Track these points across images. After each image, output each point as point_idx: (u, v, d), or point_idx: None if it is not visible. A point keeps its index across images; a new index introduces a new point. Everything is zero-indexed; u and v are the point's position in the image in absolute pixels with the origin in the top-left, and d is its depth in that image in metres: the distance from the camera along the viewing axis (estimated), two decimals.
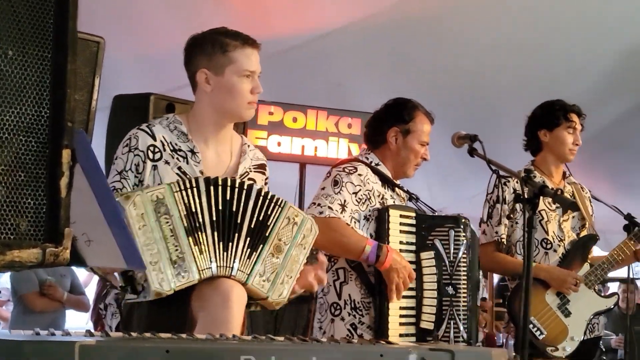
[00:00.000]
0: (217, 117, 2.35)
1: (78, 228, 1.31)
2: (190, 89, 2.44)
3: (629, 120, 5.79)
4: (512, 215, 3.39)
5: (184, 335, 1.62)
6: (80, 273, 5.94)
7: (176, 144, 2.29)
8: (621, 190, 6.04)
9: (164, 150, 2.27)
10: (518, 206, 3.35)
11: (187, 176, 2.21)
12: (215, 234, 2.07)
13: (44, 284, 5.18)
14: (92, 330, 1.66)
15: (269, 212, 2.14)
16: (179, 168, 2.25)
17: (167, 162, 2.26)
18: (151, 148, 2.26)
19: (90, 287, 6.21)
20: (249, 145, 2.48)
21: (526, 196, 2.31)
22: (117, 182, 2.24)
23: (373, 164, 2.94)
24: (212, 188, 2.11)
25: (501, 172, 2.78)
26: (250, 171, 2.42)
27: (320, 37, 4.77)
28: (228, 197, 2.11)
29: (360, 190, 2.82)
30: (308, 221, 2.19)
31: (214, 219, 2.08)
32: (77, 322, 6.35)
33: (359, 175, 2.84)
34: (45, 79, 1.13)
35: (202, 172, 2.25)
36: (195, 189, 2.09)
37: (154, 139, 2.28)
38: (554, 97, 3.62)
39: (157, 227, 2.00)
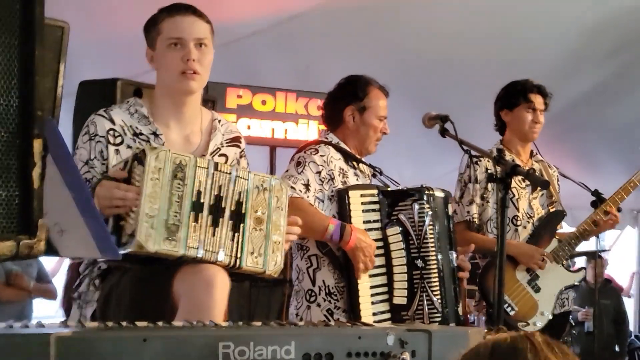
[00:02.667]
0: (167, 95, 2.28)
1: (50, 218, 1.29)
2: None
3: (592, 99, 5.87)
4: (485, 195, 3.43)
5: (160, 324, 1.61)
6: (47, 262, 5.86)
7: (137, 128, 2.24)
8: (585, 169, 6.12)
9: (125, 134, 2.22)
10: (490, 185, 3.39)
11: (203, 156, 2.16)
12: (210, 218, 2.04)
13: (10, 274, 5.10)
14: (67, 321, 1.64)
15: (240, 190, 2.09)
16: None
17: (129, 147, 2.21)
18: (111, 132, 2.22)
19: (59, 276, 6.14)
20: (219, 121, 2.40)
21: (499, 176, 2.32)
22: (87, 173, 2.19)
23: (334, 143, 2.93)
24: (215, 172, 2.07)
25: (473, 152, 2.79)
26: (222, 146, 2.36)
27: (288, 19, 4.73)
28: (221, 183, 2.07)
29: (323, 170, 2.81)
30: (276, 182, 2.15)
31: (211, 203, 2.04)
32: (45, 311, 6.27)
33: (322, 155, 2.83)
34: (13, 67, 1.10)
35: None
36: (207, 170, 2.05)
37: (113, 122, 2.23)
38: (518, 75, 3.66)
39: (168, 187, 1.97)
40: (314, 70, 5.21)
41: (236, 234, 2.06)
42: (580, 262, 6.92)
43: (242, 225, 2.07)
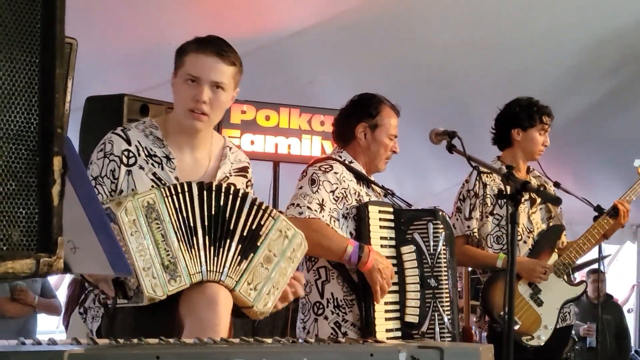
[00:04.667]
0: (178, 123, 2.28)
1: (64, 235, 1.29)
2: (162, 88, 2.41)
3: (590, 116, 5.88)
4: (485, 210, 3.44)
5: (172, 340, 1.60)
6: (49, 277, 5.84)
7: (151, 149, 2.25)
8: (581, 185, 6.13)
9: (139, 155, 2.23)
10: (489, 200, 3.41)
11: (179, 181, 2.17)
12: (207, 238, 2.05)
13: (15, 289, 5.09)
14: (78, 338, 1.63)
15: (261, 222, 2.12)
16: (154, 174, 2.22)
17: (141, 167, 2.22)
18: (125, 153, 2.22)
19: (61, 290, 6.12)
20: (230, 148, 2.42)
21: (509, 192, 2.32)
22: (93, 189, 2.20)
23: (347, 162, 2.94)
24: (205, 193, 2.07)
25: (482, 168, 2.79)
26: (231, 175, 2.36)
27: (291, 35, 4.75)
28: (222, 203, 2.08)
29: (337, 188, 2.82)
30: (299, 236, 2.18)
31: (206, 223, 2.05)
32: (46, 326, 6.25)
33: (335, 173, 2.84)
34: (34, 84, 1.10)
35: (177, 178, 2.22)
36: (187, 194, 2.06)
37: (129, 143, 2.24)
38: (519, 91, 3.67)
39: (149, 232, 1.98)
40: (318, 86, 5.23)
41: (244, 260, 2.08)
42: (578, 276, 6.94)
43: (252, 255, 2.09)
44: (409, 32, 4.91)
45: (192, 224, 2.03)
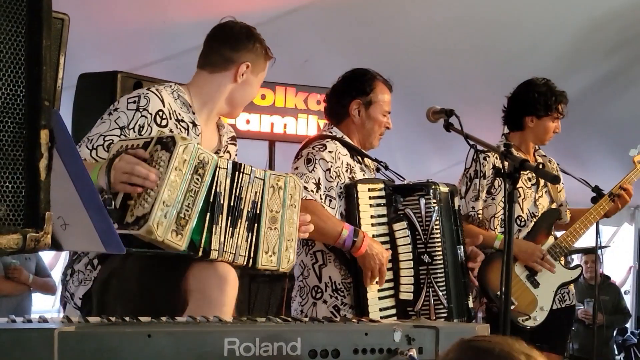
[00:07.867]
0: (228, 107, 2.39)
1: (54, 211, 1.26)
2: (155, 67, 2.38)
3: (589, 97, 5.85)
4: (492, 191, 3.41)
5: (164, 319, 1.59)
6: (46, 256, 5.84)
7: (179, 114, 2.30)
8: (579, 166, 6.11)
9: (170, 118, 2.27)
10: (497, 181, 3.37)
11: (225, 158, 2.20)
12: (229, 219, 2.03)
13: (9, 267, 5.08)
14: (69, 316, 1.61)
15: (256, 190, 2.10)
16: None
17: (171, 131, 2.25)
18: (160, 113, 2.25)
19: (57, 270, 6.12)
20: (220, 118, 2.51)
21: (507, 170, 2.29)
22: (116, 137, 2.17)
23: (338, 137, 2.91)
24: (237, 174, 2.07)
25: (479, 147, 2.76)
26: (228, 144, 2.46)
27: (287, 13, 4.70)
28: (242, 185, 2.07)
29: (332, 166, 2.79)
30: (290, 179, 2.16)
31: (231, 204, 2.04)
32: (42, 305, 6.26)
33: (330, 151, 2.81)
34: (20, 56, 1.07)
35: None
36: (226, 170, 2.05)
37: (163, 104, 2.27)
38: (517, 73, 3.62)
39: (187, 180, 1.96)
40: (313, 65, 5.19)
41: (251, 234, 2.07)
42: (576, 259, 6.94)
43: (256, 225, 2.08)
44: (406, 10, 4.86)
45: (222, 202, 2.02)
